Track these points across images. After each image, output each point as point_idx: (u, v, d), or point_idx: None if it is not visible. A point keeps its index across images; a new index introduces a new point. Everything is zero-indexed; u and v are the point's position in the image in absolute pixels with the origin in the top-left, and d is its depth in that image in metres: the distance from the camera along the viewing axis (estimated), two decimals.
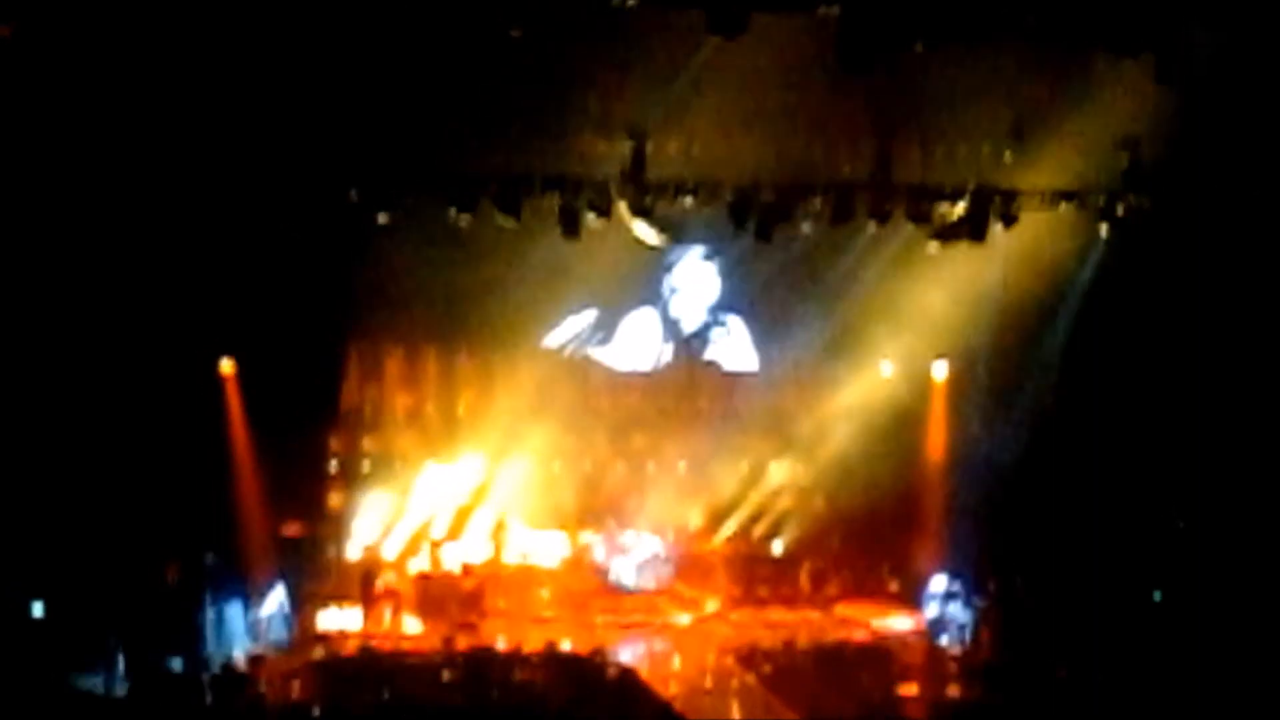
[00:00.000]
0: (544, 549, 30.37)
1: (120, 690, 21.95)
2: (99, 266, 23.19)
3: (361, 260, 26.55)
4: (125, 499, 23.71)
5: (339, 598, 27.89)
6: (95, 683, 21.74)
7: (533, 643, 25.40)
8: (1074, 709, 21.25)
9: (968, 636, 26.31)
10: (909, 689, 23.47)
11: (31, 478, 22.88)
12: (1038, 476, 27.76)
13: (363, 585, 28.00)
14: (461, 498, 30.27)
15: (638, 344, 31.42)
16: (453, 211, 24.14)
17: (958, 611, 26.77)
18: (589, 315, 30.89)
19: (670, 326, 31.50)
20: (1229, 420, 25.77)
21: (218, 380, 26.03)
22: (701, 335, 31.63)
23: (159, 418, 24.20)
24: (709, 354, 31.71)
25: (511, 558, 30.12)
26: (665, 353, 31.58)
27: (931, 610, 27.23)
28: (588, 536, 30.48)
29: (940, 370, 29.71)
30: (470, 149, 23.98)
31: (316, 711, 21.60)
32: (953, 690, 23.57)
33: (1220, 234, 25.07)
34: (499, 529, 30.20)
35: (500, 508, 30.29)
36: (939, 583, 27.30)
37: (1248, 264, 25.24)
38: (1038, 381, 28.59)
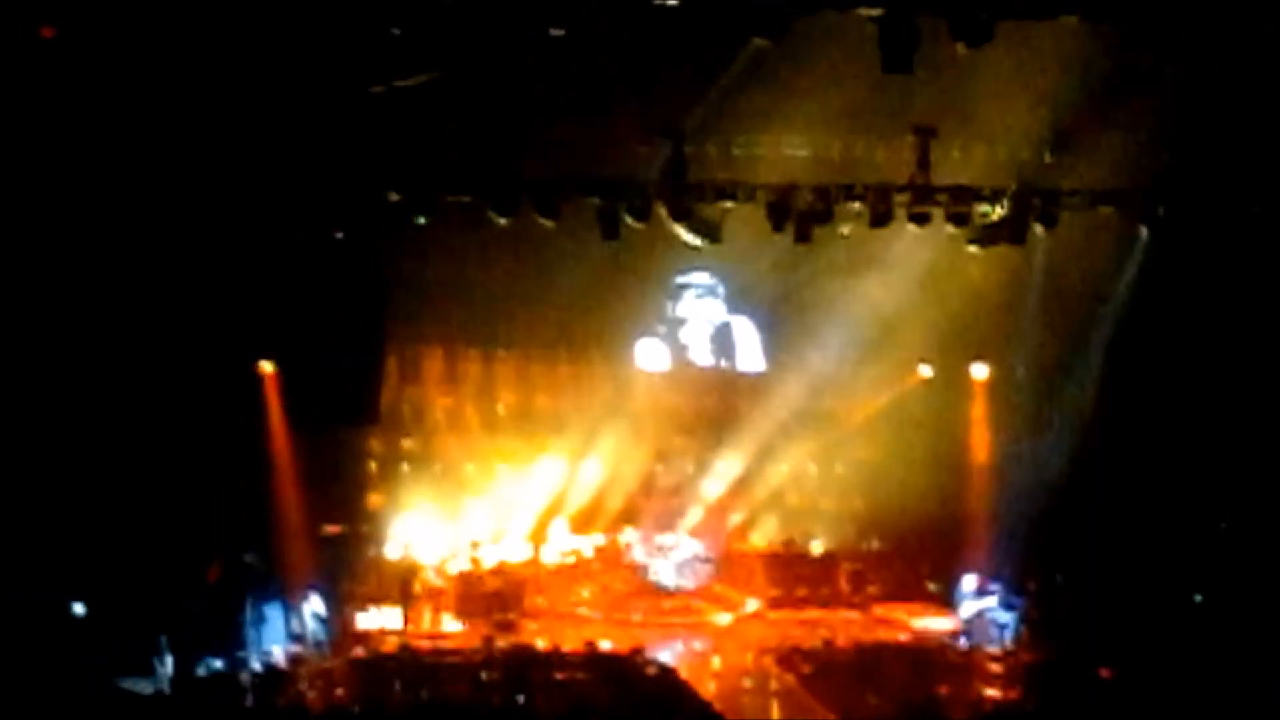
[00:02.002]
0: (584, 549, 30.41)
1: (169, 692, 22.00)
2: (141, 269, 23.24)
3: (401, 261, 26.64)
4: (166, 500, 23.75)
5: (378, 598, 27.93)
6: (143, 684, 21.77)
7: (572, 642, 25.42)
8: (1115, 710, 21.15)
9: (1007, 637, 26.22)
10: (948, 690, 23.40)
11: (73, 479, 22.94)
12: (1080, 478, 27.67)
13: (402, 585, 28.06)
14: (503, 498, 30.36)
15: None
16: (492, 213, 24.22)
17: (996, 611, 26.71)
18: None
19: (679, 351, 31.65)
20: (1272, 421, 25.67)
21: (258, 381, 26.10)
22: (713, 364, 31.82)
23: (199, 419, 24.25)
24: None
25: (551, 557, 30.15)
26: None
27: (965, 610, 27.16)
28: (627, 536, 30.53)
29: (980, 372, 29.64)
30: (509, 151, 24.06)
31: (356, 711, 21.66)
32: (992, 691, 23.48)
33: (1262, 235, 24.98)
34: (539, 529, 30.26)
35: (540, 508, 30.37)
36: (969, 582, 27.24)
37: None
38: (1079, 383, 28.50)
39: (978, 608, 26.84)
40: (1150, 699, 20.69)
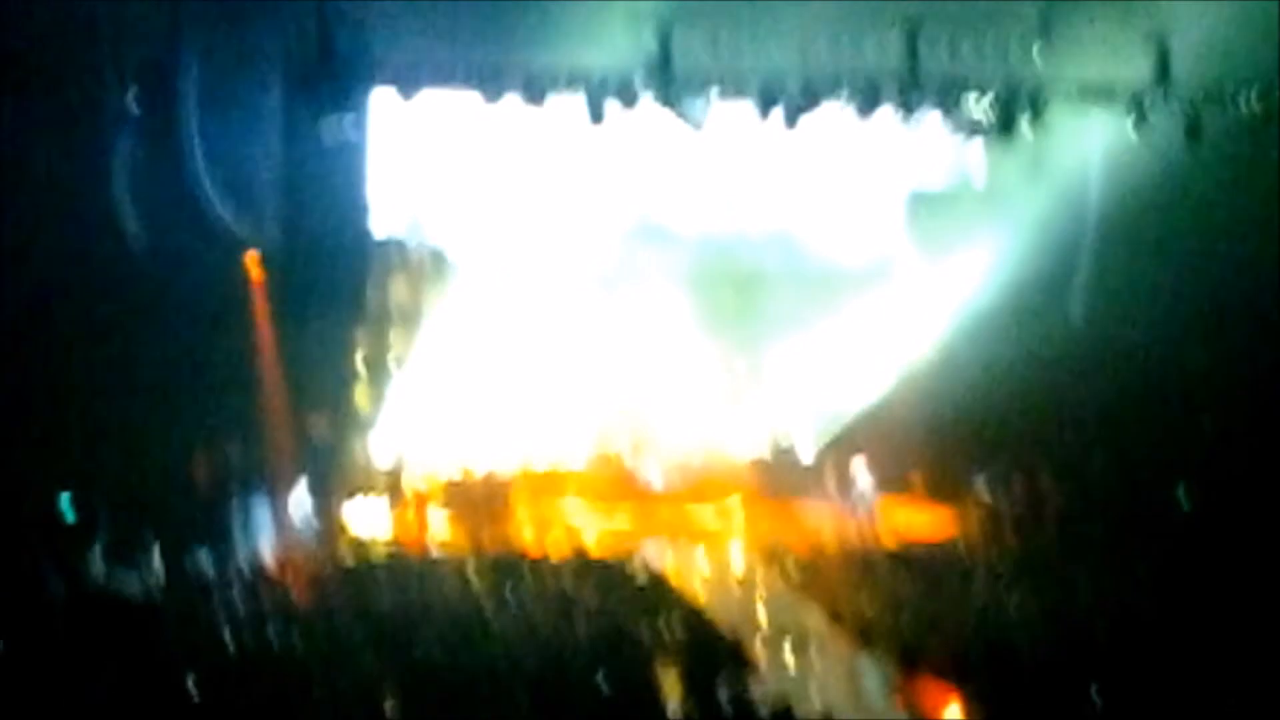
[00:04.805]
0: (573, 454, 30.34)
1: (155, 589, 21.94)
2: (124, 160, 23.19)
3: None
4: (151, 395, 23.64)
5: (366, 498, 27.84)
6: (132, 581, 21.72)
7: (561, 547, 25.40)
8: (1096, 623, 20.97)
9: None
10: (938, 590, 23.35)
11: (56, 375, 22.89)
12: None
13: (391, 490, 27.97)
14: (493, 402, 30.31)
15: None
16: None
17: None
18: None
19: None
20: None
21: (244, 276, 25.87)
22: None
23: (185, 314, 24.08)
24: None
25: (540, 462, 30.09)
26: None
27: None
28: (617, 441, 30.46)
29: None
30: (495, 41, 23.91)
31: (344, 615, 21.56)
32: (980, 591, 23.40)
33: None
34: (529, 433, 30.19)
35: (531, 411, 30.30)
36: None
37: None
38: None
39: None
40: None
